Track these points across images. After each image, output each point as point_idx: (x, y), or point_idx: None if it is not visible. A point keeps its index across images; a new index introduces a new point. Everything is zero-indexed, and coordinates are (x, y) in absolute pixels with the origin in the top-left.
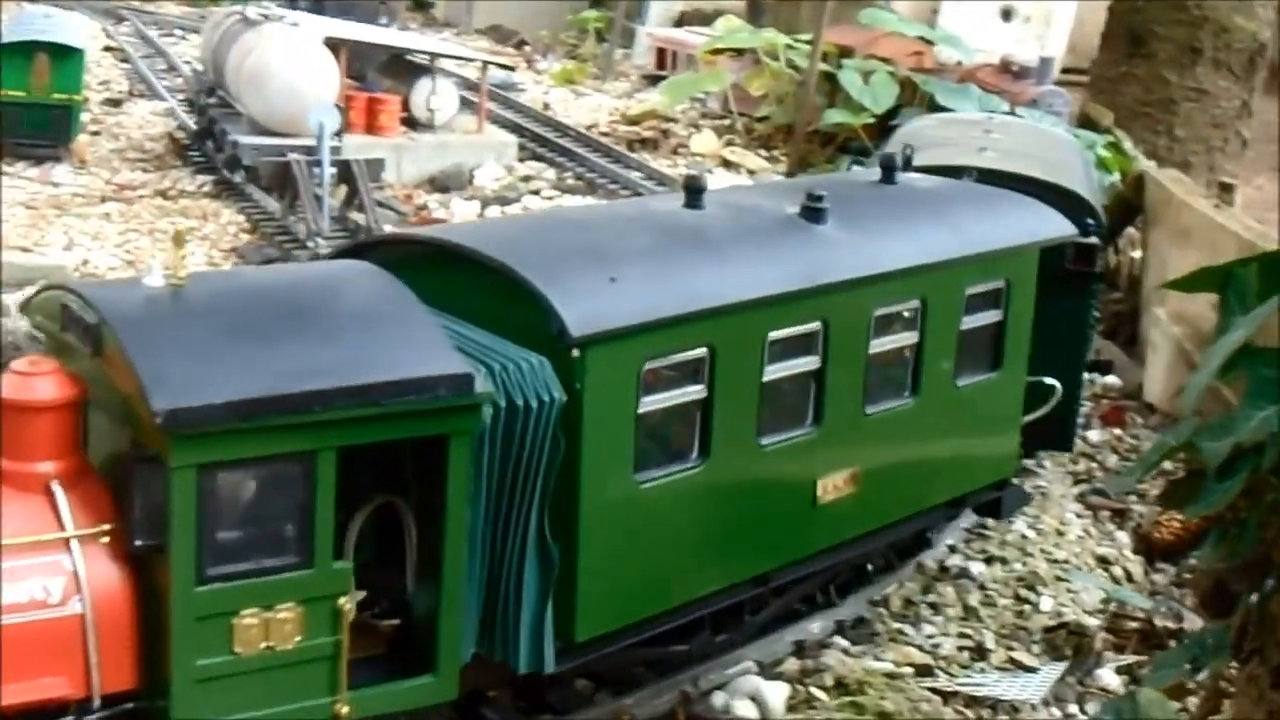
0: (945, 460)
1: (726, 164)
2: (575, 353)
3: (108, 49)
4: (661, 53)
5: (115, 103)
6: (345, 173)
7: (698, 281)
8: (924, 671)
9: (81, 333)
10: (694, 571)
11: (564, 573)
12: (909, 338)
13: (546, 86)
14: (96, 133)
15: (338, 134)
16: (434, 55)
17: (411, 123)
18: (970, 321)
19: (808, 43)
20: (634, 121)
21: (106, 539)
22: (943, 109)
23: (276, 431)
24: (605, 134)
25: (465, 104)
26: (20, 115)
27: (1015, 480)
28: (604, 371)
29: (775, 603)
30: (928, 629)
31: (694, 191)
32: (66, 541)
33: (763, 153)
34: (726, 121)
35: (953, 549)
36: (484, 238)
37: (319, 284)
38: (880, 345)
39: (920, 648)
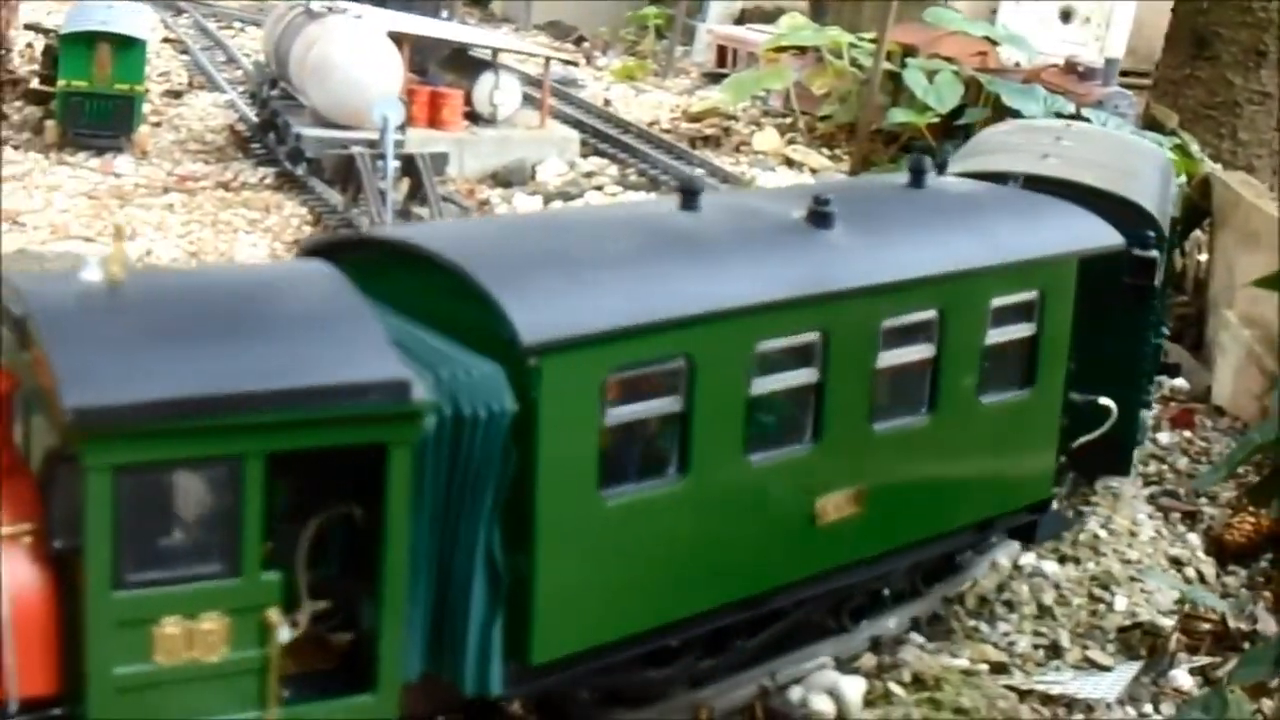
0: (967, 481)
1: (789, 162)
2: (532, 361)
3: (167, 40)
4: (722, 50)
5: (176, 94)
6: (409, 166)
7: (675, 288)
8: (999, 669)
9: (11, 325)
10: (670, 594)
11: (520, 592)
12: (924, 351)
13: (607, 83)
14: (157, 124)
15: (401, 127)
16: (496, 50)
17: (474, 117)
18: (997, 335)
19: (871, 41)
20: (696, 118)
21: (29, 539)
22: (1008, 110)
23: (200, 435)
24: (667, 131)
25: (527, 99)
26: (82, 105)
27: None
28: (563, 381)
29: (773, 627)
30: (1003, 626)
31: (689, 194)
32: None
33: (825, 151)
34: (788, 120)
35: (1025, 547)
36: (451, 240)
37: (264, 285)
38: (890, 358)
39: (995, 645)
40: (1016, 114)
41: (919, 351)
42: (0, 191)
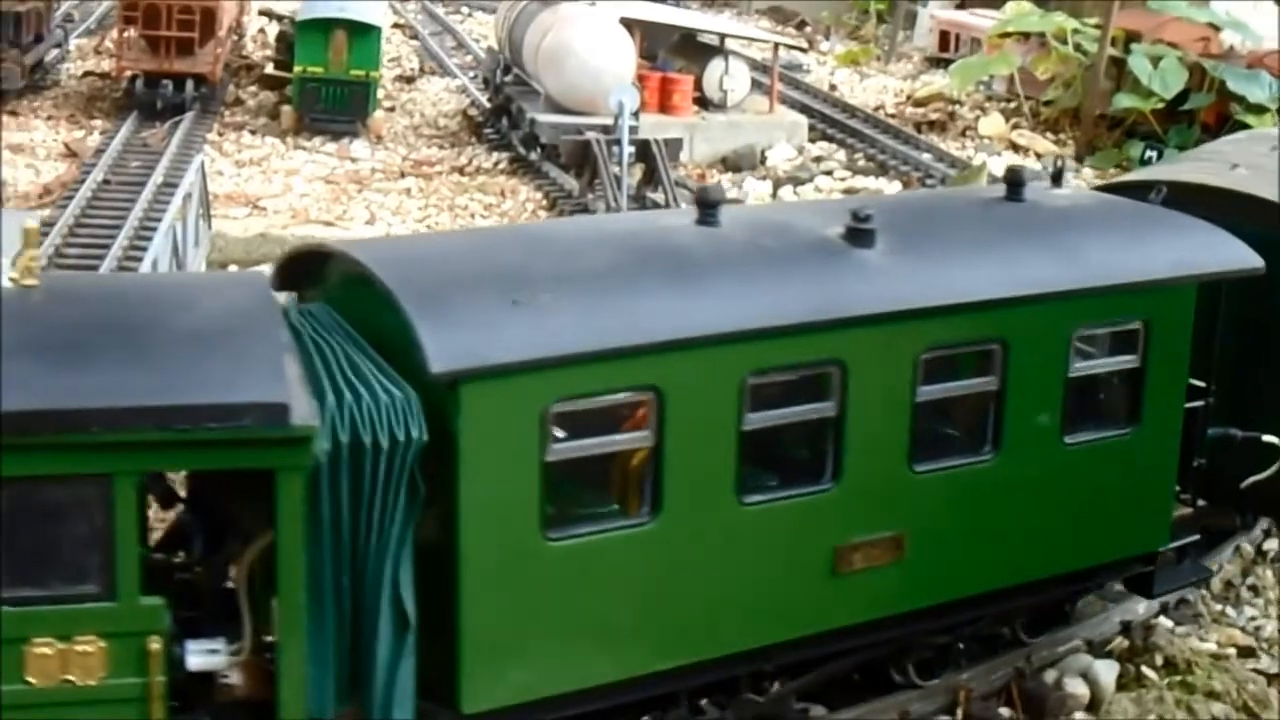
0: (1047, 529)
1: (1014, 147)
2: (447, 389)
3: (396, 26)
4: (944, 35)
5: (408, 80)
6: (644, 151)
7: (644, 312)
8: (1247, 653)
9: None
10: (642, 645)
11: (448, 637)
12: (983, 384)
13: (830, 68)
14: (391, 109)
15: (635, 113)
16: (724, 36)
17: (703, 102)
18: (1085, 368)
19: (1095, 26)
20: (920, 103)
21: None
22: (1233, 95)
23: (69, 451)
24: (892, 116)
25: (755, 84)
26: (318, 91)
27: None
28: (490, 411)
29: (791, 683)
30: (1249, 611)
31: (707, 206)
32: None
33: (1049, 136)
34: (1013, 105)
35: (1268, 533)
36: (402, 256)
37: (175, 296)
38: (934, 392)
39: (1243, 629)
40: (1241, 100)
41: (976, 385)
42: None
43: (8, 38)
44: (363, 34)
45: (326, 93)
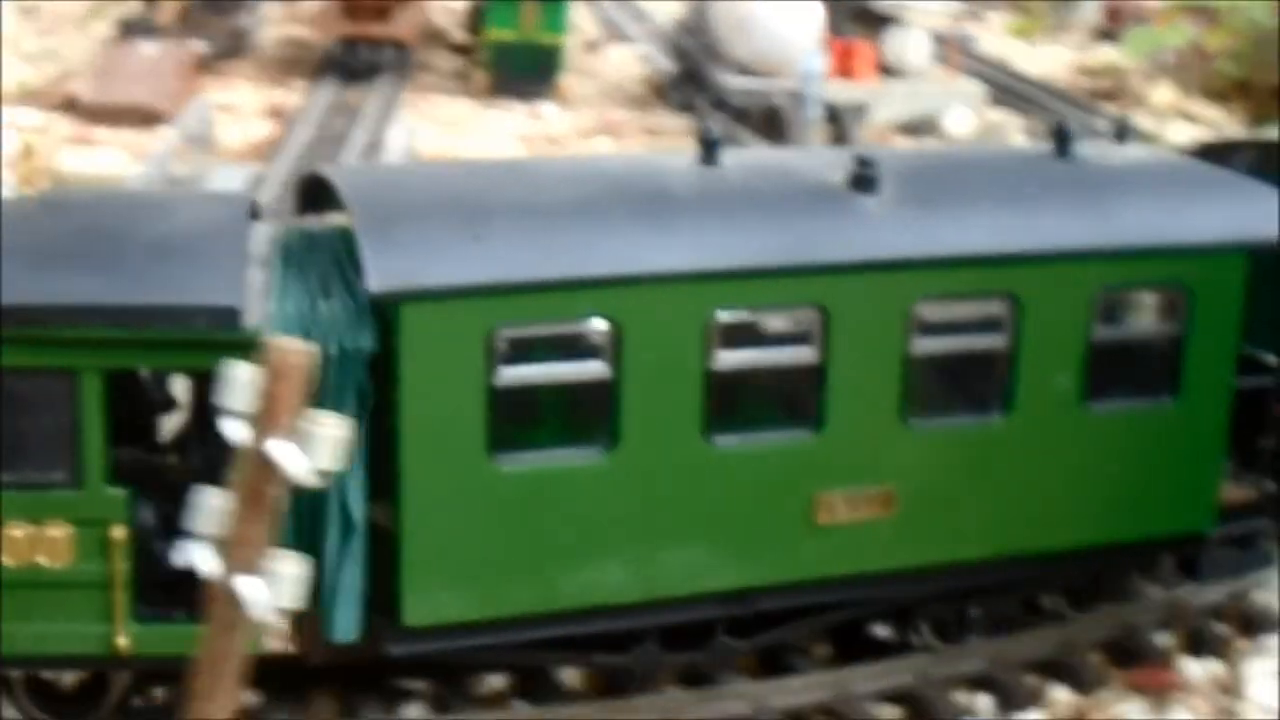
0: (1067, 498)
1: (1185, 116)
2: (403, 309)
3: None
4: (1113, 8)
5: (592, 45)
6: (832, 116)
7: (605, 245)
8: None
9: None
10: (594, 577)
11: (391, 550)
12: (989, 341)
13: (1001, 37)
14: (576, 74)
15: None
16: (902, 5)
17: (883, 69)
18: (1111, 332)
19: None
20: (1091, 74)
21: None
22: None
23: (36, 345)
24: (1063, 85)
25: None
26: (509, 55)
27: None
28: (431, 332)
29: (769, 632)
30: None
31: (708, 146)
32: None
33: (1219, 107)
34: (1183, 76)
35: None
36: (375, 181)
37: (155, 210)
38: (931, 345)
39: None
40: None
41: (980, 342)
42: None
43: (212, 4)
44: (552, 0)
45: (517, 57)
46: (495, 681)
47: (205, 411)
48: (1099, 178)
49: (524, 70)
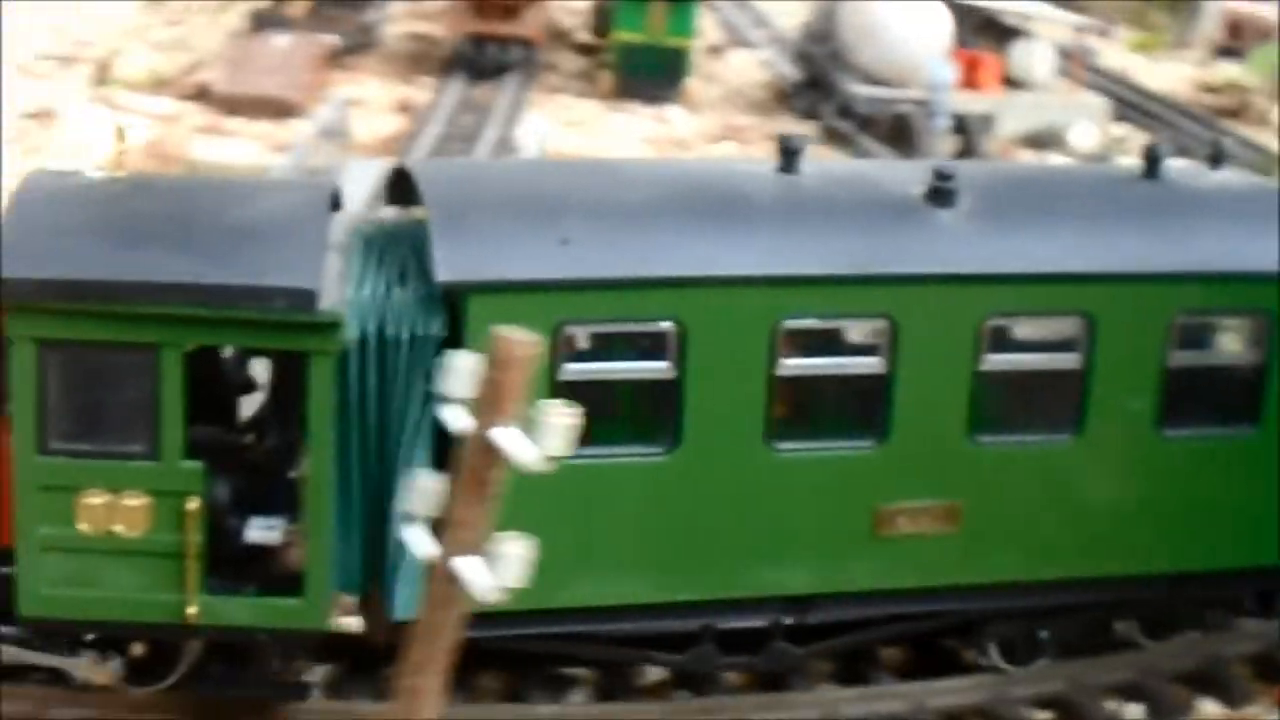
0: (1139, 523)
1: None
2: (469, 300)
3: None
4: (1234, 24)
5: (715, 50)
6: (960, 126)
7: (672, 247)
8: None
9: None
10: (651, 572)
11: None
12: (1062, 360)
13: (1122, 52)
14: (700, 78)
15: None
16: (1027, 17)
17: (1008, 81)
18: (1189, 358)
19: None
20: (1213, 90)
21: None
22: None
23: (119, 320)
24: (1185, 102)
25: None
26: (636, 57)
27: None
28: (496, 324)
29: (830, 640)
30: None
31: (788, 153)
32: None
33: None
34: None
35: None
36: (455, 177)
37: (240, 196)
38: (1001, 362)
39: None
40: None
41: (1053, 361)
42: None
43: None
44: (681, 3)
45: (644, 59)
46: (656, 673)
47: (281, 392)
48: (1184, 200)
49: (650, 72)
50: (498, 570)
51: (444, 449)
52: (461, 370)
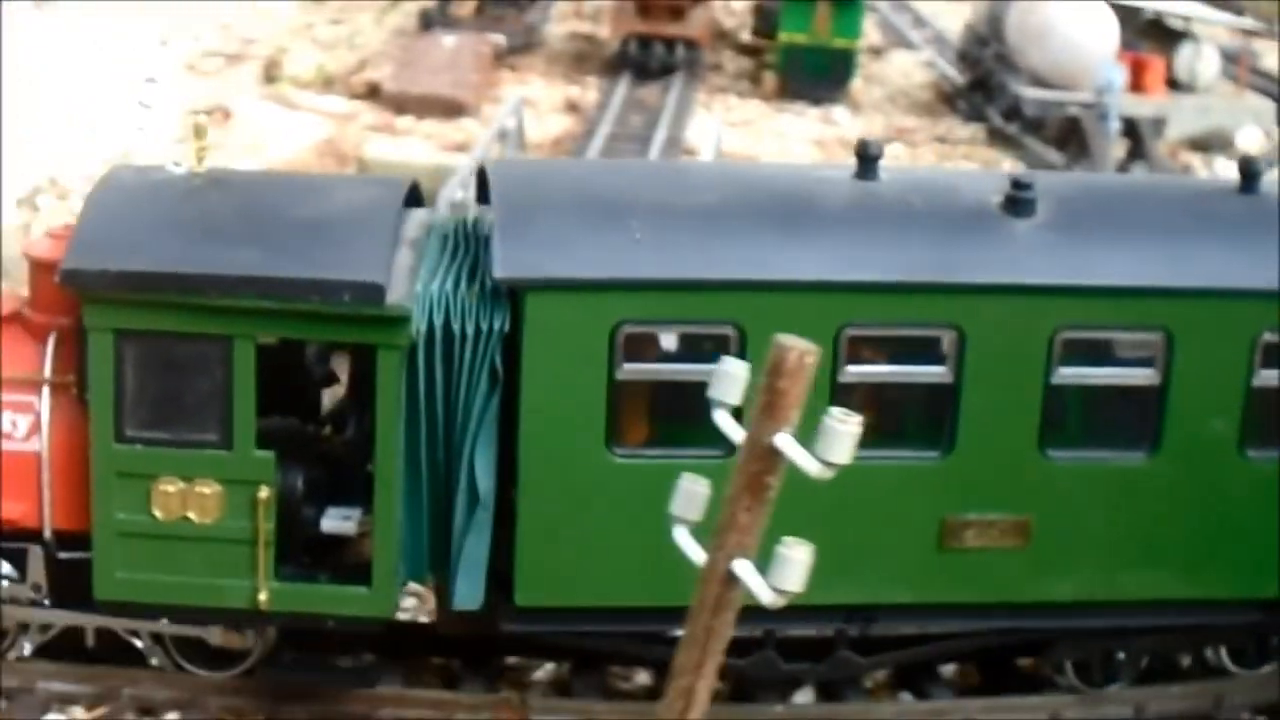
0: (1220, 547)
1: None
2: (528, 297)
3: None
4: None
5: (876, 52)
6: (1130, 129)
7: (731, 250)
8: None
9: None
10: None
11: (510, 532)
12: (1140, 376)
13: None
14: (863, 79)
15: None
16: (1189, 19)
17: (1173, 84)
18: (1272, 377)
19: None
20: None
21: (74, 389)
22: None
23: (192, 312)
24: None
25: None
26: (802, 58)
27: None
28: (556, 322)
29: (895, 652)
30: None
31: (865, 160)
32: (39, 385)
33: None
34: None
35: None
36: (529, 173)
37: (314, 193)
38: (1074, 376)
39: None
40: None
41: (1129, 376)
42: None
43: None
44: (847, 4)
45: (809, 60)
46: (880, 674)
47: (358, 385)
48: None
49: (816, 73)
50: (778, 574)
51: (507, 443)
52: (733, 376)
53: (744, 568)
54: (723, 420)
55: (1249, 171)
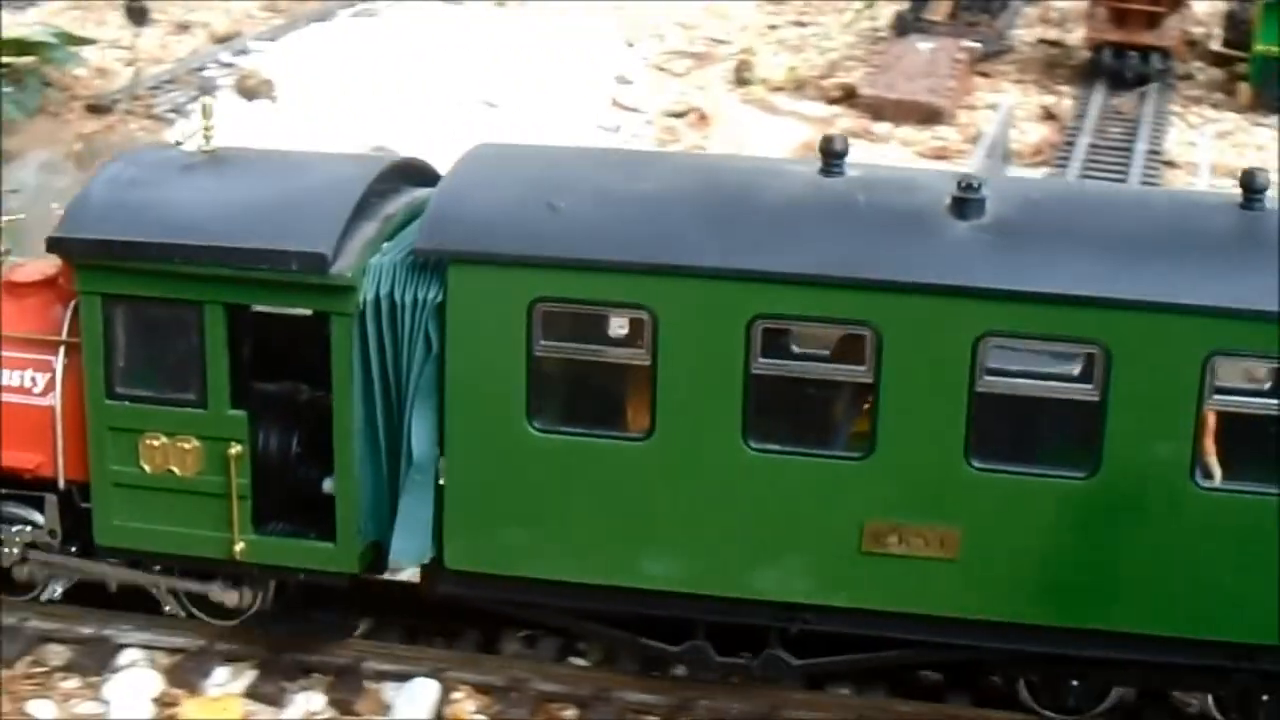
0: (1167, 580)
1: None
2: (450, 269)
3: None
4: None
5: None
6: None
7: (646, 234)
8: None
9: None
10: (628, 556)
11: (440, 496)
12: (1077, 391)
13: None
14: None
15: None
16: None
17: None
18: (1228, 404)
19: None
20: None
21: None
22: None
23: (167, 278)
24: None
25: None
26: (1276, 70)
27: None
28: (475, 294)
29: (833, 658)
30: None
31: (827, 156)
32: (57, 345)
33: None
34: None
35: None
36: (499, 156)
37: (297, 168)
38: (1001, 386)
39: None
40: None
41: (1064, 389)
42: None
43: (979, 3)
44: None
45: None
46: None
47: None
48: (1264, 235)
49: None
50: None
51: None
52: None
53: None
54: None
55: (1251, 186)
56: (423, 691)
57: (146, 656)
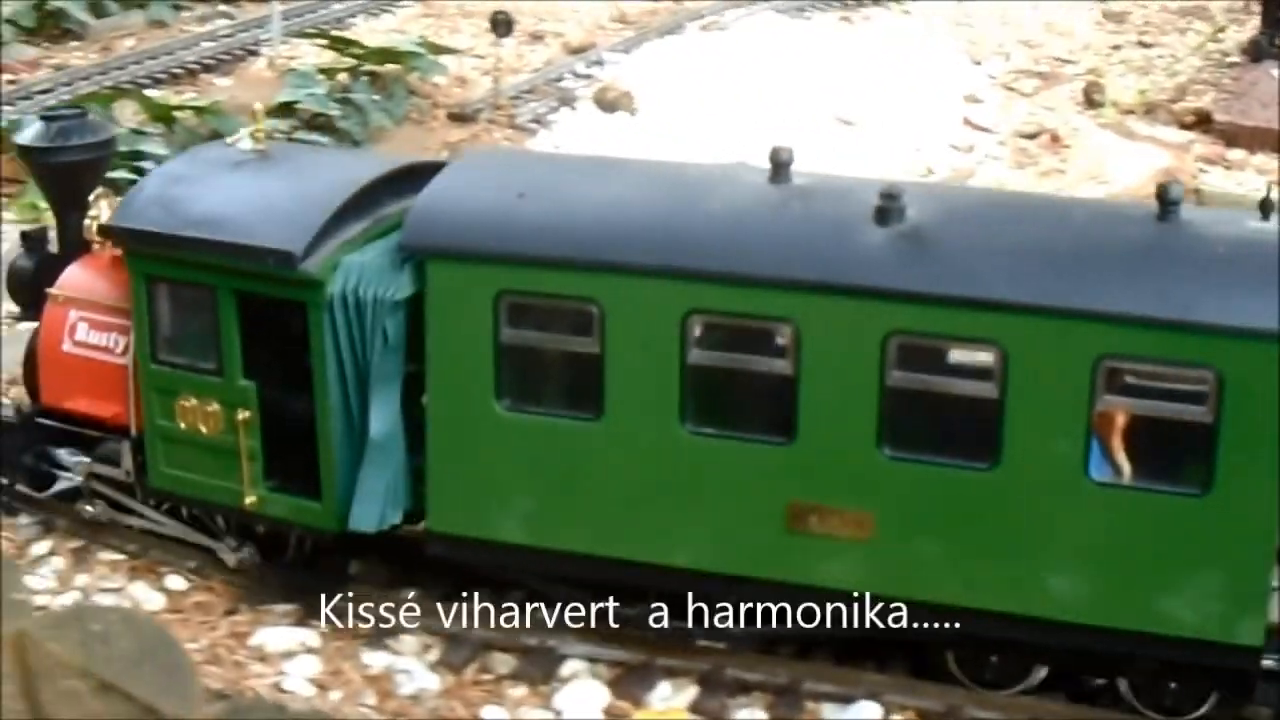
0: (1064, 568)
1: None
2: (429, 265)
3: None
4: None
5: None
6: None
7: (592, 233)
8: None
9: None
10: (577, 523)
11: (424, 467)
12: (976, 389)
13: None
14: None
15: None
16: None
17: None
18: (1121, 405)
19: None
20: None
21: None
22: None
23: (188, 265)
24: None
25: None
26: None
27: None
28: (452, 288)
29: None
30: None
31: (775, 165)
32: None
33: None
34: None
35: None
36: (495, 161)
37: (315, 165)
38: (908, 381)
39: None
40: None
41: (964, 387)
42: None
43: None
44: None
45: None
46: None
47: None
48: (1176, 246)
49: None
50: None
51: (409, 398)
52: None
53: None
54: None
55: (1164, 198)
56: (867, 714)
57: (589, 668)
